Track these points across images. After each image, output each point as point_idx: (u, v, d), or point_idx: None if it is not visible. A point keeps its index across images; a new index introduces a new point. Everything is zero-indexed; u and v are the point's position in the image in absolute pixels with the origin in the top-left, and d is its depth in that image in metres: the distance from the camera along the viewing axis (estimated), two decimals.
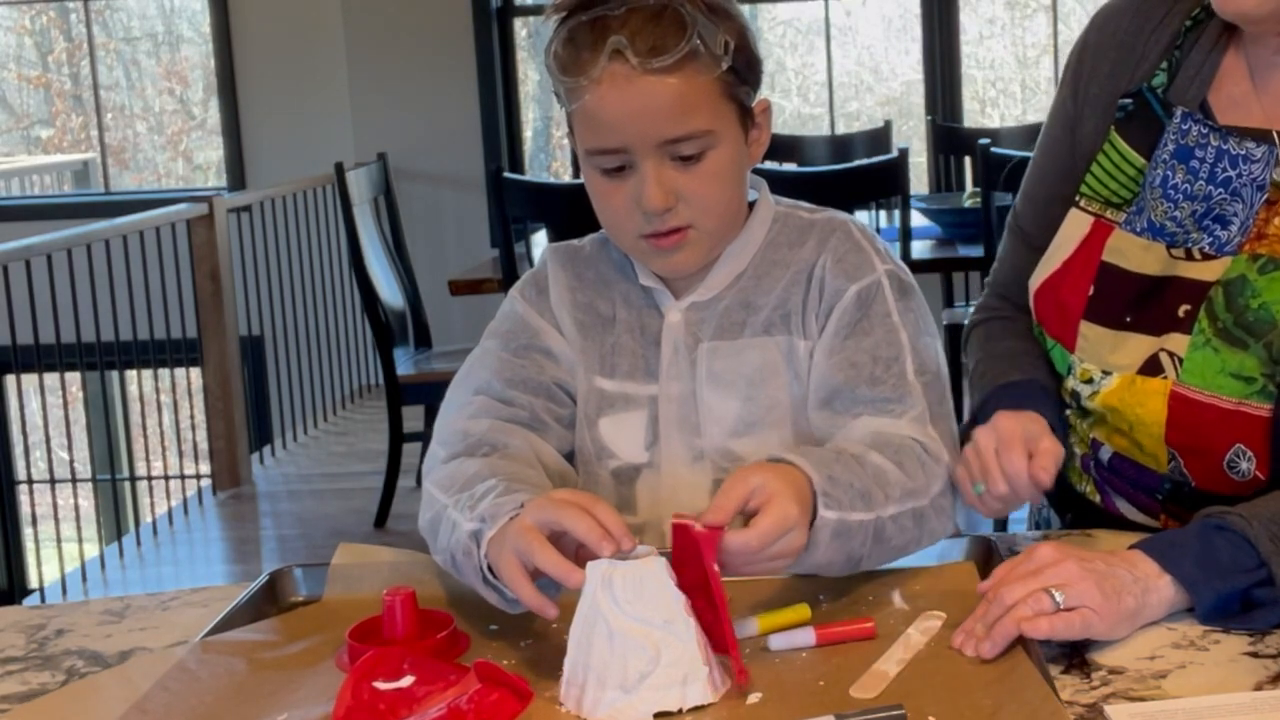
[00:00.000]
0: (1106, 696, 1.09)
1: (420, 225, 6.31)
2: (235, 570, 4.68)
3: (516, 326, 1.48)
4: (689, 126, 1.33)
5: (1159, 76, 1.42)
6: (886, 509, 1.26)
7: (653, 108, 1.31)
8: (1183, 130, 1.38)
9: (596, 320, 1.47)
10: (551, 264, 1.50)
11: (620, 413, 1.45)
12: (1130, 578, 1.19)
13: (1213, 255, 1.36)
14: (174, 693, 1.17)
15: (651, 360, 1.45)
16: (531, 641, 1.24)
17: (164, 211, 5.27)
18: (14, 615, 1.41)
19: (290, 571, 1.40)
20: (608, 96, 1.32)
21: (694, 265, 1.41)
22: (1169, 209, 1.38)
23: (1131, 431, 1.40)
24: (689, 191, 1.35)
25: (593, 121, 1.34)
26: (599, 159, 1.36)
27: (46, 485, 6.34)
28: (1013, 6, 7.36)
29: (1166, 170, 1.38)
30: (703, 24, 1.32)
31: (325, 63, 6.59)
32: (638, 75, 1.31)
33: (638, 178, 1.34)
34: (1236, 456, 1.33)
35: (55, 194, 8.70)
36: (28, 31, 8.76)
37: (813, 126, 7.60)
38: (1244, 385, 1.32)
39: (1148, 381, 1.37)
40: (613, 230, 1.42)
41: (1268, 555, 1.18)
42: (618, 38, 1.30)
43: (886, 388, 1.36)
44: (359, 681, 1.12)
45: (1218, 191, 1.36)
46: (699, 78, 1.32)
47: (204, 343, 5.37)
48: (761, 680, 1.14)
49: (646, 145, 1.33)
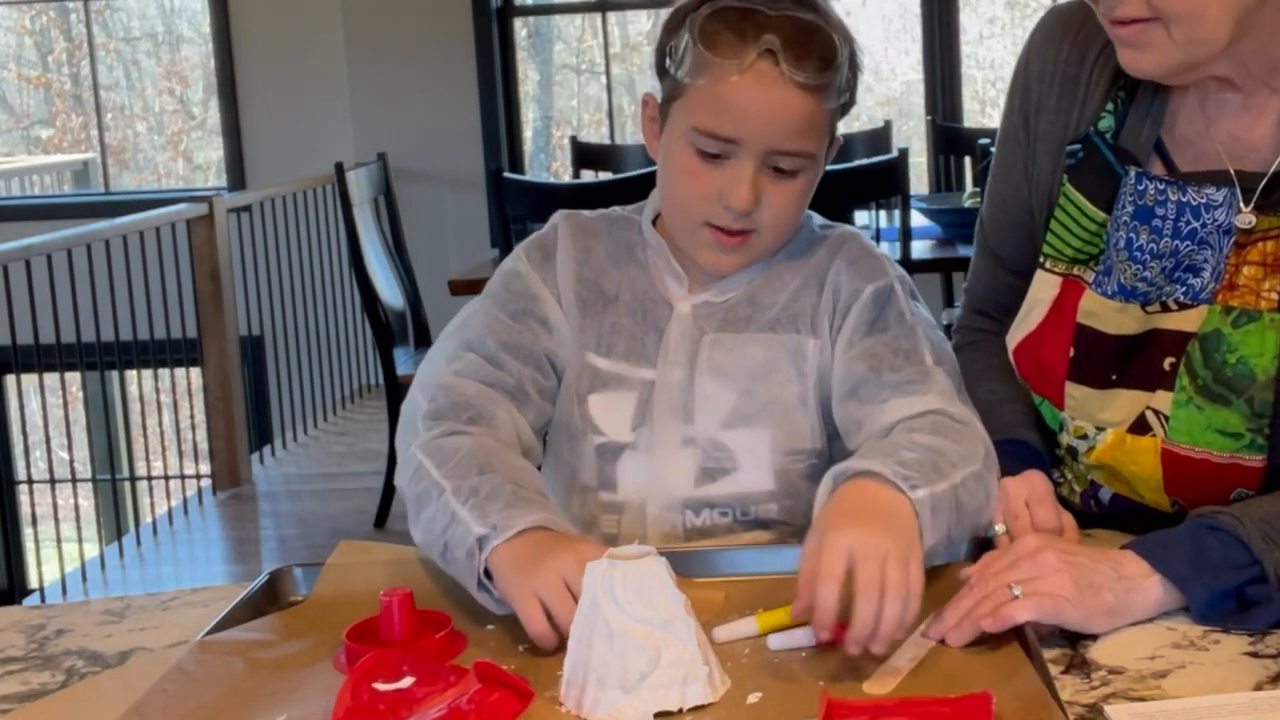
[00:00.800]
0: (1106, 696, 1.09)
1: (420, 225, 6.32)
2: (235, 570, 4.68)
3: (517, 289, 1.48)
4: (802, 144, 1.37)
5: (1105, 119, 1.40)
6: (955, 476, 1.26)
7: (782, 116, 1.34)
8: (1139, 191, 1.36)
9: (598, 298, 1.47)
10: (562, 231, 1.50)
11: (611, 391, 1.45)
12: (1114, 575, 1.19)
13: (1188, 304, 1.34)
14: (171, 694, 1.17)
15: (650, 345, 1.45)
16: (529, 644, 1.24)
17: (164, 211, 5.27)
18: (14, 615, 1.41)
19: (290, 571, 1.40)
20: (749, 89, 1.34)
21: (740, 267, 1.44)
22: (1138, 270, 1.36)
23: (1131, 484, 1.39)
24: (772, 201, 1.38)
25: (720, 105, 1.35)
26: (705, 141, 1.37)
27: (46, 485, 6.34)
28: (1013, 6, 7.37)
29: (1129, 233, 1.36)
30: (846, 57, 1.36)
31: (325, 63, 6.59)
32: (782, 82, 1.33)
33: (733, 172, 1.36)
34: (1239, 498, 1.33)
35: (55, 194, 8.70)
36: (28, 31, 8.76)
37: None
38: (1232, 441, 1.32)
39: (1138, 440, 1.37)
40: (678, 208, 1.42)
41: (1260, 553, 1.18)
42: (772, 37, 1.33)
43: (908, 372, 1.38)
44: (359, 682, 1.12)
45: (1185, 245, 1.34)
46: (824, 105, 1.36)
47: (204, 343, 5.37)
48: (761, 680, 1.14)
49: (759, 147, 1.35)
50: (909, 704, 1.06)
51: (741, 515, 1.46)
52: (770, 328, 1.44)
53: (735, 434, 1.43)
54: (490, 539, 1.24)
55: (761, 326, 1.44)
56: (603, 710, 1.10)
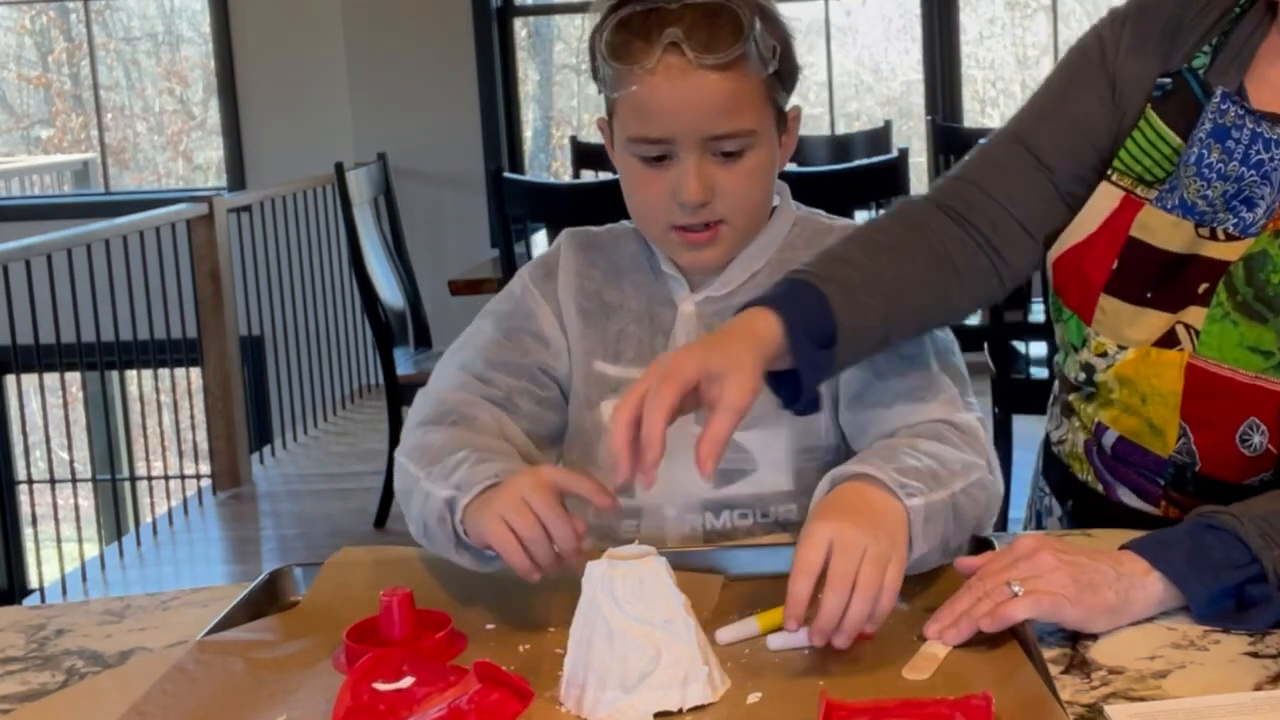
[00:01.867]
0: (1106, 696, 1.09)
1: (420, 225, 6.31)
2: (235, 570, 4.68)
3: (513, 308, 1.51)
4: (734, 124, 1.36)
5: (1200, 58, 1.42)
6: (955, 484, 1.26)
7: (703, 102, 1.35)
8: (1221, 110, 1.38)
9: (601, 307, 1.49)
10: (565, 249, 1.52)
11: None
12: (1113, 574, 1.20)
13: (1236, 236, 1.36)
14: (171, 694, 1.17)
15: (658, 348, 1.46)
16: (529, 646, 1.24)
17: (164, 211, 5.27)
18: (14, 615, 1.41)
19: (290, 571, 1.40)
20: (661, 87, 1.35)
21: (719, 261, 1.44)
22: (1202, 187, 1.38)
23: (1144, 405, 1.40)
24: (726, 187, 1.38)
25: (641, 110, 1.37)
26: (641, 147, 1.39)
27: (46, 485, 6.34)
28: (1013, 6, 7.36)
29: (1202, 149, 1.38)
30: (757, 27, 1.35)
31: (325, 63, 6.59)
32: (692, 69, 1.34)
33: (678, 169, 1.37)
34: (1250, 430, 1.35)
35: (55, 194, 8.70)
36: (28, 31, 8.76)
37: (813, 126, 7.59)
38: (1262, 359, 1.33)
39: (1163, 353, 1.38)
40: (643, 219, 1.45)
41: (1259, 551, 1.18)
42: (674, 30, 1.33)
43: (913, 379, 1.38)
44: (359, 682, 1.12)
45: (1250, 173, 1.36)
46: (748, 78, 1.36)
47: (204, 343, 5.37)
48: (761, 680, 1.14)
49: (692, 139, 1.36)
50: (909, 705, 1.06)
51: (761, 516, 1.46)
52: None
53: (751, 434, 1.42)
54: (458, 499, 1.28)
55: None
56: (603, 710, 1.10)
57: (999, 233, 1.44)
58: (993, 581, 1.19)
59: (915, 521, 1.20)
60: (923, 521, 1.21)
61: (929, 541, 1.22)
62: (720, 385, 1.20)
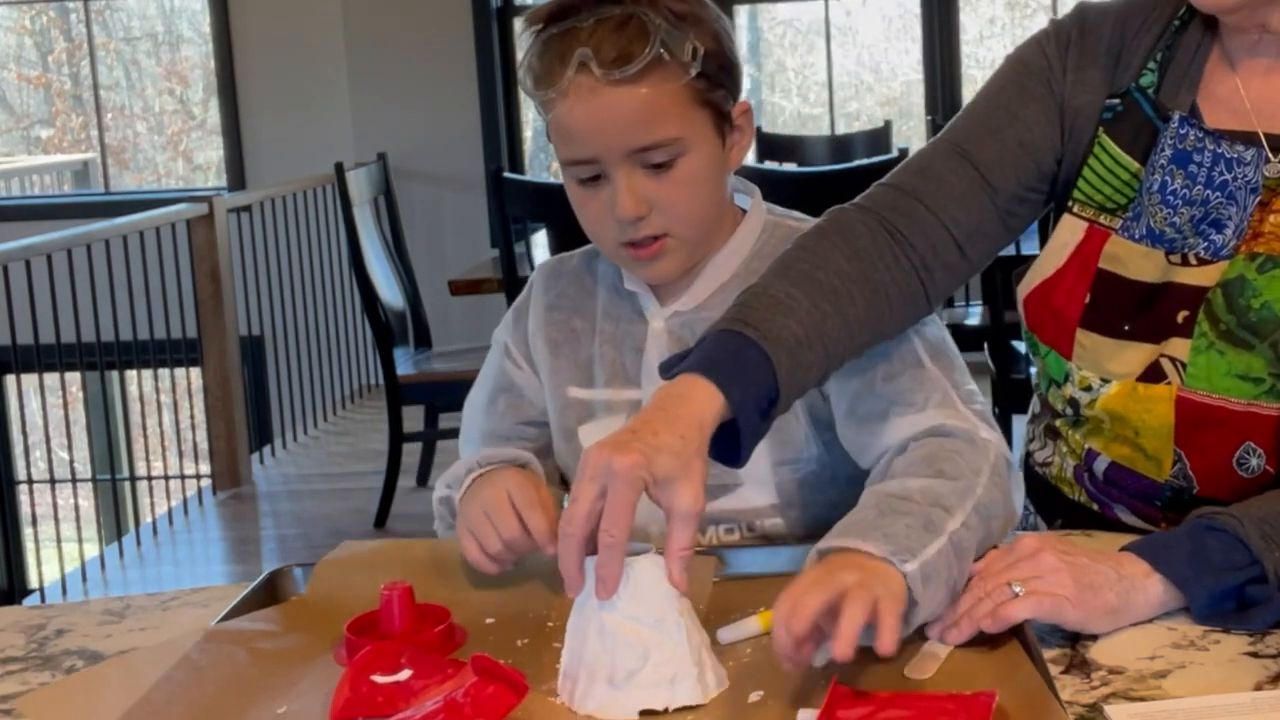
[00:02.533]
0: (1106, 696, 1.09)
1: (420, 225, 6.32)
2: (235, 570, 4.68)
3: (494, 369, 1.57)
4: (656, 135, 1.34)
5: (1147, 76, 1.40)
6: (952, 522, 1.20)
7: (619, 118, 1.33)
8: (1180, 135, 1.36)
9: (569, 335, 1.49)
10: (535, 287, 1.55)
11: (599, 419, 1.46)
12: (1114, 575, 1.19)
13: (1208, 260, 1.35)
14: (178, 683, 1.18)
15: (631, 367, 1.46)
16: (528, 640, 1.24)
17: (164, 211, 5.27)
18: (14, 615, 1.41)
19: (290, 571, 1.40)
20: (575, 108, 1.34)
21: (674, 273, 1.42)
22: (1168, 214, 1.36)
23: (1136, 437, 1.39)
24: (661, 199, 1.36)
25: (564, 133, 1.37)
26: (574, 169, 1.38)
27: (46, 485, 6.34)
28: (1013, 6, 7.37)
29: (1164, 175, 1.36)
30: (667, 32, 1.32)
31: (325, 63, 6.59)
32: (602, 86, 1.32)
33: (611, 187, 1.36)
34: (1246, 454, 1.34)
35: (55, 194, 8.70)
36: (28, 31, 8.77)
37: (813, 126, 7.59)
38: (1252, 386, 1.32)
39: (1151, 388, 1.36)
40: (595, 238, 1.44)
41: (1260, 552, 1.18)
42: (584, 49, 1.32)
43: (904, 379, 1.35)
44: (357, 675, 1.13)
45: (1214, 195, 1.35)
46: (665, 85, 1.33)
47: (204, 343, 5.37)
48: (759, 677, 1.14)
49: (615, 155, 1.35)
50: (913, 698, 1.07)
51: (748, 530, 1.45)
52: None
53: None
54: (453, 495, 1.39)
55: None
56: (591, 704, 1.11)
57: (937, 254, 1.37)
58: (994, 581, 1.18)
59: (914, 586, 1.13)
60: (922, 583, 1.14)
61: (936, 598, 1.16)
62: (670, 493, 1.12)
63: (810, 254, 1.32)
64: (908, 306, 1.36)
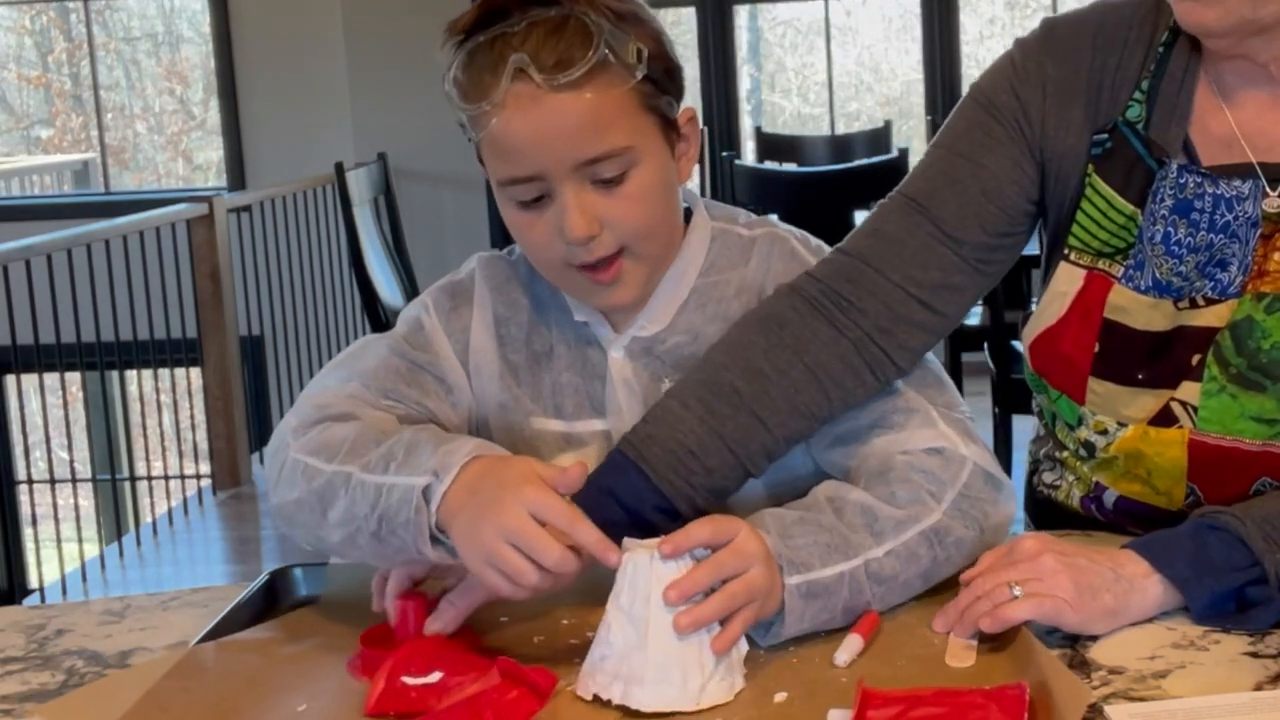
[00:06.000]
0: (1106, 696, 1.09)
1: (420, 225, 6.31)
2: (235, 570, 4.68)
3: (418, 342, 1.38)
4: (606, 144, 1.23)
5: (1134, 108, 1.35)
6: (876, 549, 1.20)
7: (564, 127, 1.22)
8: (1179, 184, 1.32)
9: (530, 358, 1.38)
10: (480, 284, 1.40)
11: (574, 450, 1.38)
12: (1113, 576, 1.19)
13: (1215, 299, 1.32)
14: (191, 684, 1.19)
15: (596, 395, 1.37)
16: (544, 638, 1.24)
17: (164, 211, 5.27)
18: (14, 615, 1.41)
19: (290, 571, 1.40)
20: (514, 121, 1.23)
21: (634, 296, 1.32)
22: (1174, 265, 1.33)
23: (1149, 477, 1.38)
24: (613, 216, 1.26)
25: (501, 150, 1.25)
26: (514, 190, 1.27)
27: (46, 485, 6.34)
28: (1013, 6, 7.37)
29: (1167, 226, 1.32)
30: (610, 32, 1.23)
31: (325, 63, 6.59)
32: (544, 94, 1.21)
33: (557, 206, 1.25)
34: (1263, 487, 1.33)
35: (55, 194, 8.70)
36: (28, 31, 8.77)
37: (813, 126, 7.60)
38: (1266, 428, 1.31)
39: (1163, 432, 1.35)
40: (540, 264, 1.33)
41: (1261, 554, 1.18)
42: (519, 55, 1.21)
43: (885, 400, 1.32)
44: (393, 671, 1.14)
45: (1218, 238, 1.31)
46: (611, 90, 1.23)
47: (204, 343, 5.37)
48: (782, 678, 1.15)
49: (562, 169, 1.24)
50: (944, 694, 1.07)
51: None
52: None
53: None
54: (435, 487, 1.16)
55: None
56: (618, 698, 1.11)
57: (896, 315, 1.33)
58: (993, 581, 1.19)
59: (789, 599, 1.15)
60: (801, 598, 1.16)
61: (816, 616, 1.17)
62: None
63: (725, 351, 1.32)
64: (857, 376, 1.32)
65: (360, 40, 6.53)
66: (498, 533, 1.12)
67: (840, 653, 1.16)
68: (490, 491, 1.14)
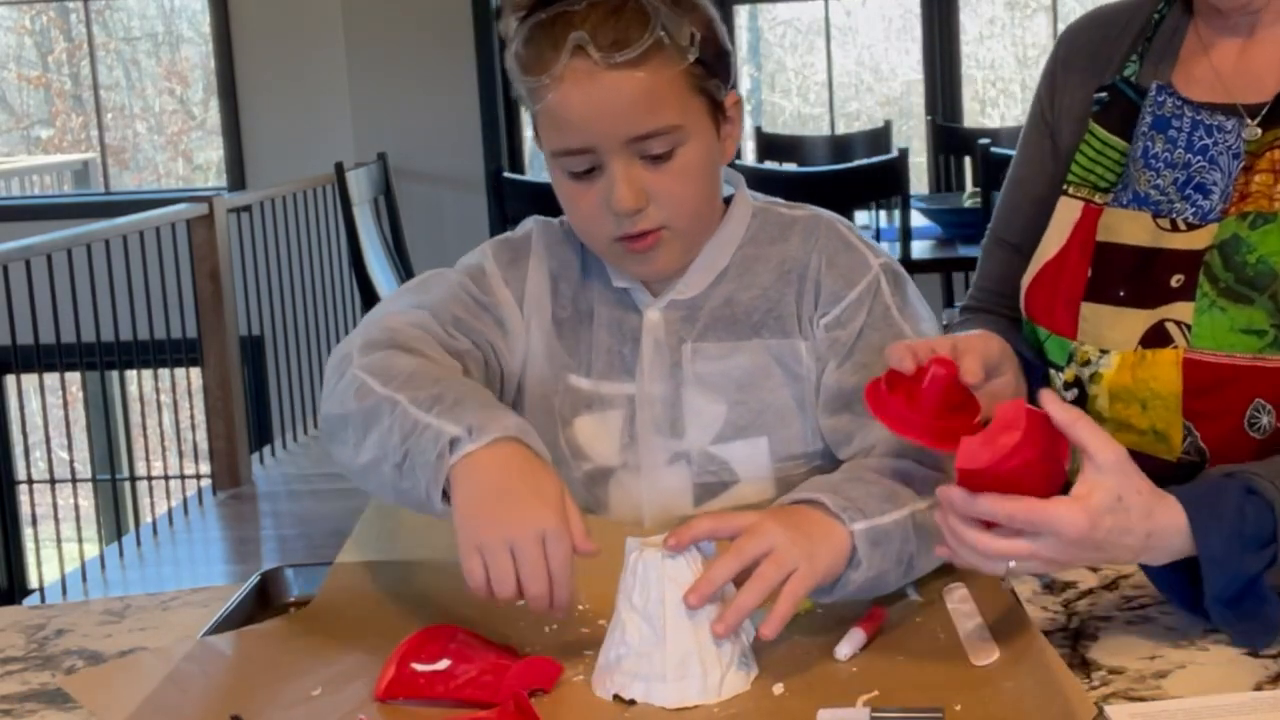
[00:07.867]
0: (1106, 696, 1.09)
1: (420, 225, 6.31)
2: (235, 570, 4.68)
3: (481, 285, 1.43)
4: (657, 122, 1.30)
5: (1130, 67, 1.47)
6: (919, 502, 1.24)
7: (618, 104, 1.28)
8: (1158, 102, 1.42)
9: (575, 315, 1.43)
10: (537, 242, 1.46)
11: (597, 412, 1.42)
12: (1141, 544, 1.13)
13: (1197, 225, 1.38)
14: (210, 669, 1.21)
15: (629, 358, 1.41)
16: (556, 626, 1.25)
17: (164, 211, 5.27)
18: (14, 615, 1.41)
19: (282, 572, 1.41)
20: (571, 95, 1.29)
21: (671, 268, 1.39)
22: (1151, 177, 1.41)
23: (1144, 412, 1.39)
24: (660, 190, 1.32)
25: (557, 122, 1.31)
26: (566, 161, 1.33)
27: (46, 485, 6.34)
28: (1013, 6, 7.37)
29: (1146, 141, 1.42)
30: (666, 15, 1.29)
31: (325, 63, 6.59)
32: (601, 71, 1.27)
33: (606, 179, 1.31)
34: (1257, 412, 1.34)
35: (55, 194, 8.70)
36: (28, 31, 8.77)
37: (813, 126, 7.60)
38: (1256, 339, 1.34)
39: (1157, 354, 1.38)
40: (586, 235, 1.39)
41: None
42: (579, 33, 1.27)
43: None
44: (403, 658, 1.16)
45: (1196, 159, 1.39)
46: (665, 71, 1.29)
47: (204, 343, 5.37)
48: (782, 668, 1.15)
49: (614, 144, 1.30)
50: None
51: None
52: (755, 332, 1.39)
53: (731, 446, 1.39)
54: (463, 442, 1.19)
55: (745, 332, 1.39)
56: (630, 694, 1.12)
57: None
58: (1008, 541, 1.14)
59: (860, 545, 1.19)
60: (868, 544, 1.20)
61: (878, 566, 1.21)
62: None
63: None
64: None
65: (360, 40, 6.53)
66: (505, 534, 1.16)
67: (842, 646, 1.17)
68: (519, 490, 1.18)
